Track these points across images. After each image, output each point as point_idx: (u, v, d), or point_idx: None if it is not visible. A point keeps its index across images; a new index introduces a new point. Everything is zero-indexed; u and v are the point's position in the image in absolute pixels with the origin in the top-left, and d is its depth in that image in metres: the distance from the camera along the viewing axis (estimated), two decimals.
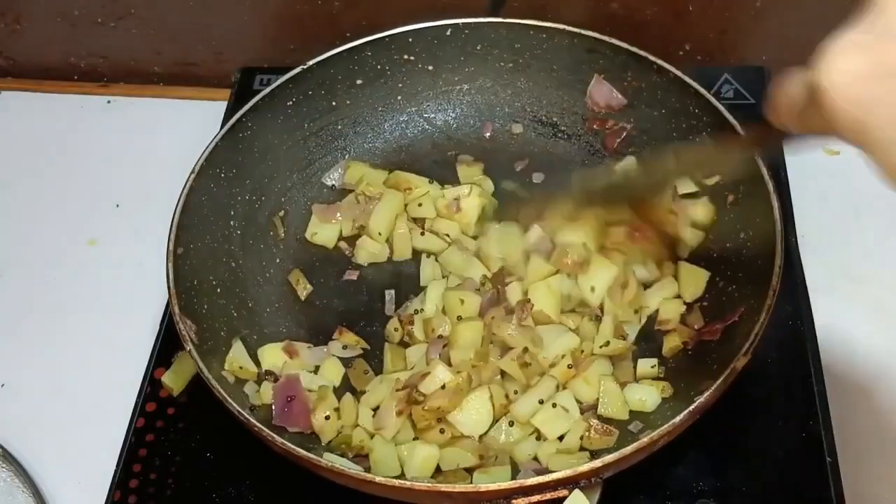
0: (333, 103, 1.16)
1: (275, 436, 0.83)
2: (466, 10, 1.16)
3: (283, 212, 1.14)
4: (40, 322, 1.19)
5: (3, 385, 1.13)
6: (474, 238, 1.10)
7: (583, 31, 1.12)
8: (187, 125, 1.28)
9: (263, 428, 0.84)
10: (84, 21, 1.42)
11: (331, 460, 0.84)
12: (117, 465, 1.00)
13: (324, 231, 1.14)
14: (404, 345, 1.03)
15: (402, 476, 0.89)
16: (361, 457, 0.94)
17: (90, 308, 1.19)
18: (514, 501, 0.80)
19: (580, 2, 1.28)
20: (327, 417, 0.95)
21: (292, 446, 0.83)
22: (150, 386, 1.06)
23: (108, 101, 1.46)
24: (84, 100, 1.46)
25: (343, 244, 1.14)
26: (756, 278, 0.92)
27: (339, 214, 1.14)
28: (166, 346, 1.07)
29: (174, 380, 1.03)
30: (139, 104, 1.45)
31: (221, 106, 1.30)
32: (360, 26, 1.16)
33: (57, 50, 1.47)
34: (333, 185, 1.18)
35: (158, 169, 1.14)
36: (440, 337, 1.00)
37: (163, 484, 0.99)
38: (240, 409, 0.85)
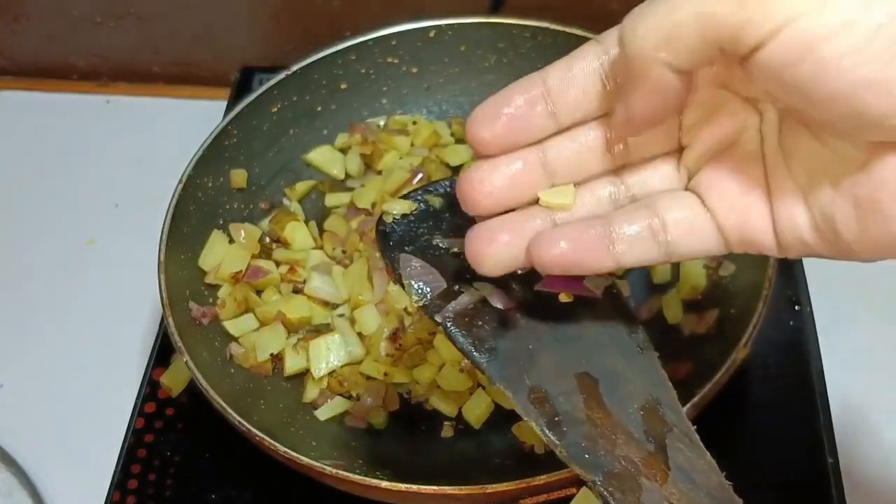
0: (318, 108, 1.15)
1: (277, 445, 0.83)
2: (469, 9, 1.16)
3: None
4: (40, 322, 1.18)
5: (2, 385, 1.13)
6: None
7: (565, 29, 1.11)
8: (187, 125, 1.28)
9: (265, 437, 0.83)
10: (84, 21, 1.42)
11: (335, 468, 0.83)
12: (116, 466, 1.00)
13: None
14: None
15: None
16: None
17: (89, 308, 1.19)
18: (521, 502, 0.80)
19: (580, 2, 1.28)
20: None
21: (295, 454, 0.82)
22: (150, 386, 1.05)
23: (107, 101, 1.45)
24: (83, 99, 1.45)
25: None
26: (752, 270, 0.92)
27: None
28: (165, 347, 1.07)
29: (173, 380, 1.03)
30: (138, 104, 1.45)
31: (221, 106, 1.29)
32: (360, 26, 1.16)
33: (56, 50, 1.46)
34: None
35: (158, 169, 1.13)
36: None
37: (162, 484, 0.99)
38: (241, 420, 0.85)
